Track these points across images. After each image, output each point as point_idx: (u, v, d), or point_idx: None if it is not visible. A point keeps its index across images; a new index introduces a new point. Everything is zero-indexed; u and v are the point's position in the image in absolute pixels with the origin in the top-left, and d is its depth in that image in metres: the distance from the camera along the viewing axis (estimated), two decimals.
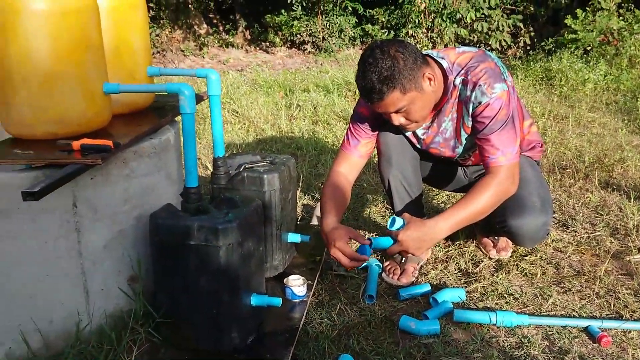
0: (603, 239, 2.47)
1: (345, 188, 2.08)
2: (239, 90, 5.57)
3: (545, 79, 5.72)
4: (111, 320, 1.76)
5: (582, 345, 1.78)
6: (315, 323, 1.92)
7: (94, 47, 1.70)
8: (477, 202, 1.82)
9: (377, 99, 1.78)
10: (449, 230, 1.84)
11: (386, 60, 1.73)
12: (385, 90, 1.74)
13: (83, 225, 1.65)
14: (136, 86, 1.90)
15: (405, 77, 1.74)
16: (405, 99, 1.78)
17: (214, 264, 1.61)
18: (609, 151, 3.58)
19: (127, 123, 1.94)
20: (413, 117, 1.86)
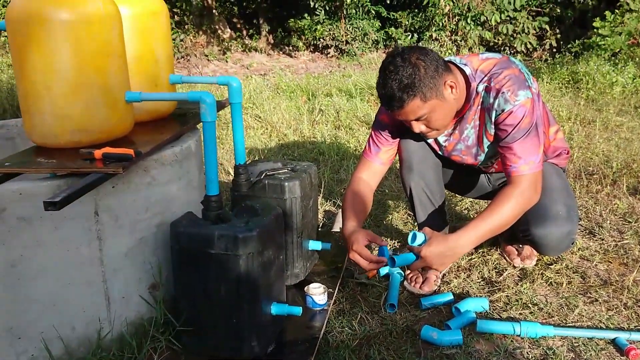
0: (631, 247, 2.41)
1: (367, 194, 2.08)
2: (261, 95, 5.59)
3: (572, 82, 5.62)
4: (132, 328, 1.77)
5: (610, 358, 1.74)
6: (335, 332, 1.90)
7: (116, 55, 1.71)
8: (499, 214, 1.80)
9: (397, 107, 1.76)
10: (473, 244, 1.82)
11: (407, 68, 1.71)
12: (406, 99, 1.73)
13: (104, 233, 1.67)
14: (158, 94, 1.90)
15: (426, 85, 1.73)
16: (425, 107, 1.76)
17: (234, 272, 1.61)
18: (637, 156, 3.50)
19: (149, 131, 1.95)
20: (434, 125, 1.84)
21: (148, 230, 1.77)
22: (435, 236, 1.82)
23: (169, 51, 2.06)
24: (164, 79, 2.03)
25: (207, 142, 1.66)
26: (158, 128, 1.99)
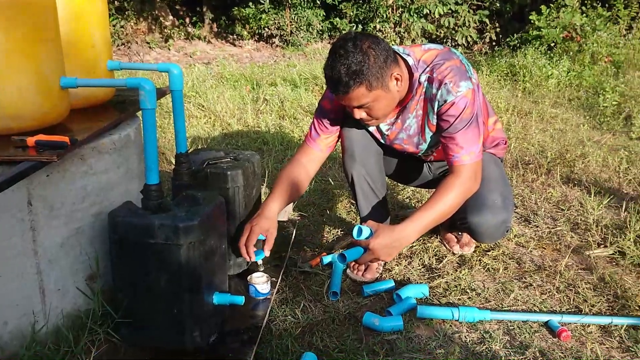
0: (564, 234, 2.51)
1: (301, 178, 2.09)
2: (205, 83, 5.51)
3: (510, 74, 5.79)
4: (68, 321, 1.72)
5: (543, 340, 1.81)
6: (278, 321, 1.91)
7: (50, 40, 1.65)
8: (442, 203, 1.85)
9: (342, 92, 1.77)
10: (418, 234, 1.86)
11: (357, 55, 1.72)
12: (352, 85, 1.73)
13: (38, 223, 1.61)
14: (95, 80, 1.85)
15: (374, 74, 1.74)
16: (370, 96, 1.78)
17: (175, 262, 1.58)
18: (570, 147, 3.64)
19: (86, 118, 1.89)
20: (375, 114, 1.86)
21: (85, 220, 1.73)
22: (381, 228, 1.84)
23: (107, 36, 2.00)
24: (102, 64, 1.97)
25: (146, 129, 1.62)
26: (95, 115, 1.93)
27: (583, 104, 4.88)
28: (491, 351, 1.75)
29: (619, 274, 2.18)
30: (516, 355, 1.73)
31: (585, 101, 4.93)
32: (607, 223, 2.58)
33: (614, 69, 5.58)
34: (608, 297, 2.04)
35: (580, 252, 2.36)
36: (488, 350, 1.75)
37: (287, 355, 1.73)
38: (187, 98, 4.94)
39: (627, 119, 4.32)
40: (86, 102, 1.98)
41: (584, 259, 2.30)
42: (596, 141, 3.82)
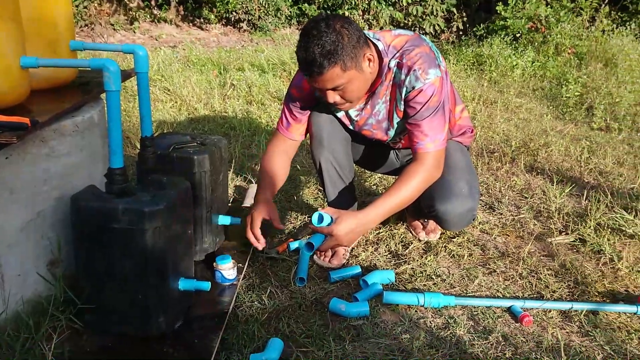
0: (527, 221, 2.56)
1: (283, 164, 2.13)
2: (171, 67, 5.41)
3: (477, 64, 5.84)
4: (29, 307, 1.68)
5: (505, 325, 1.84)
6: (245, 307, 1.90)
7: (10, 18, 1.59)
8: (405, 189, 1.86)
9: (316, 73, 1.75)
10: (380, 219, 1.87)
11: (331, 35, 1.70)
12: (326, 65, 1.72)
13: None
14: (57, 60, 1.79)
15: (348, 54, 1.72)
16: (344, 77, 1.76)
17: (140, 247, 1.56)
18: (534, 136, 3.70)
19: (48, 99, 1.84)
20: (348, 97, 1.85)
21: (46, 204, 1.68)
22: (342, 214, 1.84)
23: (69, 15, 1.94)
24: (64, 44, 1.91)
25: (110, 112, 1.58)
26: (57, 96, 1.88)
27: (547, 94, 4.96)
28: (455, 336, 1.77)
29: (579, 260, 2.23)
30: (480, 340, 1.76)
31: (548, 91, 5.01)
32: (569, 211, 2.64)
33: (577, 61, 5.68)
34: (569, 283, 2.08)
35: (543, 239, 2.40)
36: (452, 335, 1.78)
37: (254, 341, 1.73)
38: (153, 82, 4.85)
39: (589, 109, 4.41)
40: (48, 83, 1.92)
41: (546, 246, 2.35)
42: (559, 131, 3.90)
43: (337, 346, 1.71)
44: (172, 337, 1.67)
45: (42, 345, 1.56)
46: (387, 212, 1.87)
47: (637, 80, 4.80)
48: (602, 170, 3.20)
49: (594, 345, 1.75)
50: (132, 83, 4.57)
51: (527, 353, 1.70)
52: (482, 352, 1.70)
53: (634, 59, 5.28)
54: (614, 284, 2.08)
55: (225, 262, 1.97)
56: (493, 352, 1.71)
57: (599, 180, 3.07)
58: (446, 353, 1.70)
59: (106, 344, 1.63)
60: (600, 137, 3.83)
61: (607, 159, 3.33)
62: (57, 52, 1.88)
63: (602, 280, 2.10)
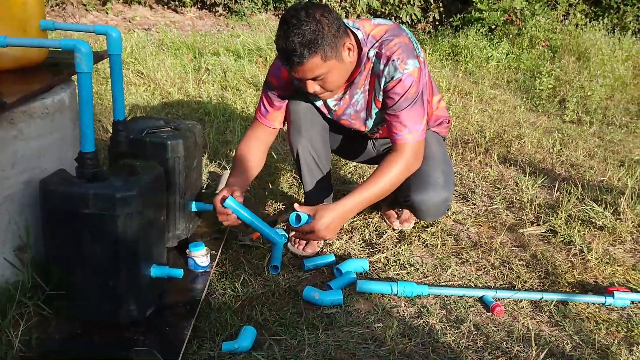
0: (499, 212, 2.58)
1: (259, 152, 2.11)
2: (144, 50, 5.31)
3: (452, 54, 5.86)
4: None
5: (477, 314, 1.86)
6: (218, 294, 1.88)
7: None
8: (383, 180, 1.86)
9: (297, 63, 1.72)
10: (359, 209, 1.88)
11: (311, 24, 1.67)
12: (307, 55, 1.69)
13: None
14: (26, 40, 1.74)
15: (328, 43, 1.70)
16: (324, 67, 1.74)
17: (111, 234, 1.53)
18: (508, 127, 3.74)
19: (17, 80, 1.79)
20: (328, 86, 1.83)
21: (14, 188, 1.64)
22: (319, 210, 1.84)
23: None
24: (34, 23, 1.85)
25: (82, 94, 1.54)
26: (27, 77, 1.83)
27: (520, 86, 5.00)
28: (428, 325, 1.78)
29: (550, 251, 2.26)
30: (452, 329, 1.77)
31: (522, 84, 5.06)
32: (541, 202, 2.67)
33: (551, 54, 5.74)
34: (539, 273, 2.11)
35: (515, 229, 2.43)
36: (425, 324, 1.79)
37: (226, 328, 1.71)
38: (126, 64, 4.76)
39: (562, 102, 4.46)
40: (16, 63, 1.86)
41: (518, 237, 2.37)
42: (532, 123, 3.94)
43: (310, 334, 1.71)
44: (143, 324, 1.65)
45: (8, 332, 1.53)
46: (365, 202, 1.87)
47: (609, 75, 4.87)
48: (574, 162, 3.24)
49: (564, 335, 1.78)
50: (104, 65, 4.47)
51: (498, 342, 1.72)
52: (454, 341, 1.71)
53: (605, 54, 5.35)
54: (583, 275, 2.12)
55: (198, 249, 1.95)
56: (465, 341, 1.72)
57: (570, 172, 3.11)
58: (419, 342, 1.71)
59: (75, 331, 1.60)
60: (572, 129, 3.88)
61: (578, 152, 3.38)
62: (27, 32, 1.82)
63: (572, 271, 2.13)
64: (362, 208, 1.89)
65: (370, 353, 1.65)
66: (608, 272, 2.14)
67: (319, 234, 1.82)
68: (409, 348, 1.68)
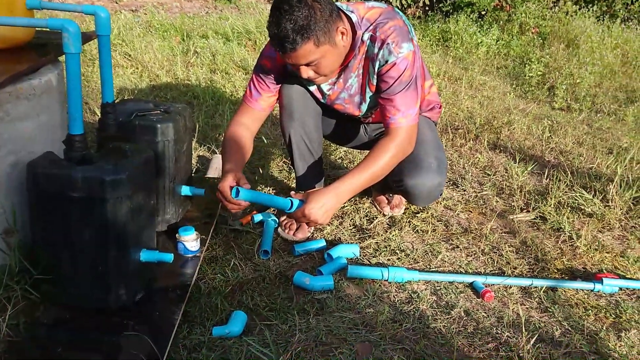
0: (490, 198, 2.58)
1: (247, 138, 2.05)
2: (132, 32, 5.24)
3: (442, 40, 5.84)
4: None
5: (467, 300, 1.86)
6: (208, 279, 1.87)
7: None
8: (377, 164, 1.85)
9: (289, 49, 1.70)
10: (352, 193, 1.86)
11: (303, 9, 1.64)
12: (300, 41, 1.67)
13: None
14: (12, 19, 1.69)
15: (321, 29, 1.68)
16: (318, 52, 1.72)
17: (100, 217, 1.51)
18: (497, 114, 3.74)
19: (3, 60, 1.75)
20: (322, 71, 1.81)
21: (1, 171, 1.61)
22: (311, 194, 1.82)
23: None
24: (20, 2, 1.81)
25: (70, 75, 1.51)
26: (13, 58, 1.79)
27: (510, 72, 5.00)
28: (418, 310, 1.79)
29: (539, 238, 2.27)
30: (442, 314, 1.78)
31: (512, 70, 5.06)
32: (530, 189, 2.68)
33: (540, 40, 5.74)
34: (529, 260, 2.12)
35: (505, 216, 2.44)
36: (416, 310, 1.79)
37: (217, 313, 1.71)
38: (113, 46, 4.69)
39: (551, 89, 4.47)
40: (2, 43, 1.83)
41: (508, 223, 2.38)
42: (521, 110, 3.94)
43: (301, 319, 1.70)
44: (133, 309, 1.63)
45: None
46: (358, 186, 1.86)
47: (598, 62, 4.89)
48: (563, 149, 3.25)
49: (553, 320, 1.79)
50: (90, 47, 4.41)
51: (488, 328, 1.73)
52: (444, 327, 1.72)
53: (595, 41, 5.37)
54: (572, 261, 2.13)
55: (188, 234, 1.93)
56: (455, 326, 1.72)
57: (559, 159, 3.12)
58: (409, 327, 1.71)
59: (64, 316, 1.58)
60: (561, 116, 3.89)
61: (567, 139, 3.39)
62: (13, 11, 1.78)
63: (561, 257, 2.14)
64: (356, 192, 1.88)
65: (361, 338, 1.64)
66: (597, 258, 2.15)
67: (311, 218, 1.80)
68: (399, 333, 1.68)
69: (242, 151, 2.01)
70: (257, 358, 1.53)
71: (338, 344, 1.61)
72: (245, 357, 1.53)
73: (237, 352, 1.55)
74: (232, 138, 2.02)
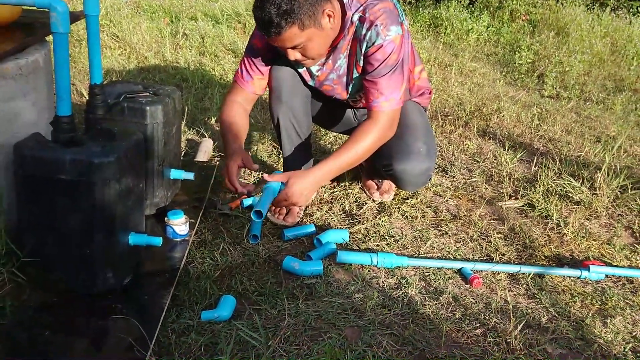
0: (479, 185, 2.59)
1: (243, 117, 2.07)
2: (119, 12, 5.16)
3: (433, 26, 5.82)
4: None
5: (456, 286, 1.87)
6: (197, 263, 1.86)
7: None
8: (357, 147, 1.86)
9: (274, 34, 1.70)
10: (332, 176, 1.90)
11: None
12: (284, 25, 1.66)
13: None
14: None
15: (305, 12, 1.67)
16: (303, 36, 1.71)
17: (88, 200, 1.49)
18: (487, 101, 3.74)
19: None
20: (310, 54, 1.80)
21: None
22: (292, 176, 1.85)
23: None
24: None
25: (58, 56, 1.48)
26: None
27: (500, 60, 5.00)
28: (407, 296, 1.79)
29: (527, 225, 2.28)
30: (431, 300, 1.78)
31: (502, 57, 5.05)
32: (519, 176, 2.69)
33: (531, 28, 5.73)
34: (517, 246, 2.13)
35: (493, 203, 2.44)
36: (404, 295, 1.79)
37: (205, 297, 1.70)
38: (100, 27, 4.60)
39: (540, 77, 4.47)
40: None
41: (497, 210, 2.39)
42: (511, 97, 3.94)
43: (290, 304, 1.70)
44: (121, 293, 1.62)
45: None
46: (338, 169, 1.88)
47: (587, 51, 4.89)
48: (552, 137, 3.27)
49: (540, 307, 1.80)
50: (77, 27, 4.34)
51: (476, 314, 1.74)
52: (433, 313, 1.72)
53: (584, 29, 5.37)
54: (559, 248, 2.14)
55: (177, 217, 1.92)
56: (444, 312, 1.73)
57: (548, 147, 3.13)
58: (398, 312, 1.71)
59: (51, 300, 1.57)
60: (550, 104, 3.90)
61: (556, 127, 3.40)
62: None
63: (548, 244, 2.16)
64: (336, 175, 1.91)
65: (350, 323, 1.65)
66: (584, 246, 2.17)
67: (291, 200, 1.83)
68: (388, 319, 1.68)
69: (242, 129, 2.03)
70: (246, 342, 1.53)
71: (327, 329, 1.62)
72: (234, 341, 1.53)
73: (226, 336, 1.55)
74: (230, 117, 2.02)
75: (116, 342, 1.45)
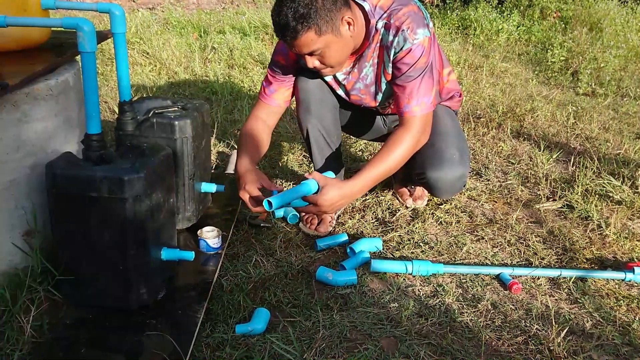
0: (514, 188, 2.53)
1: (263, 133, 2.03)
2: (149, 30, 5.25)
3: (461, 28, 5.75)
4: (4, 279, 1.61)
5: (494, 293, 1.82)
6: (230, 276, 1.86)
7: None
8: (392, 157, 1.81)
9: (290, 37, 1.68)
10: (367, 188, 1.84)
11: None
12: (300, 30, 1.64)
13: None
14: (27, 19, 1.68)
15: (322, 17, 1.65)
16: (320, 42, 1.69)
17: (119, 217, 1.49)
18: (520, 101, 3.66)
19: (19, 61, 1.74)
20: (328, 62, 1.77)
21: (20, 172, 1.61)
22: (329, 184, 1.77)
23: None
24: (35, 2, 1.80)
25: (86, 74, 1.50)
26: (29, 58, 1.78)
27: (532, 59, 4.91)
28: (444, 304, 1.75)
29: (567, 227, 2.21)
30: (469, 307, 1.74)
31: (534, 56, 4.96)
32: (556, 177, 2.62)
33: (563, 25, 5.62)
34: (557, 250, 2.07)
35: (530, 205, 2.38)
36: (441, 304, 1.75)
37: (239, 311, 1.69)
38: (131, 45, 4.70)
39: (574, 74, 4.37)
40: (18, 44, 1.82)
41: (534, 213, 2.32)
42: (545, 96, 3.86)
43: (324, 316, 1.68)
44: (154, 308, 1.62)
45: (19, 317, 1.51)
46: (373, 181, 1.83)
47: (622, 45, 4.76)
48: (589, 135, 3.18)
49: (583, 312, 1.74)
50: (109, 46, 4.43)
51: (516, 321, 1.68)
52: (471, 320, 1.68)
53: (618, 24, 5.24)
54: (601, 250, 2.07)
55: (209, 231, 1.92)
56: (483, 320, 1.69)
57: (585, 146, 3.04)
58: (435, 321, 1.67)
59: (86, 316, 1.58)
60: (586, 102, 3.80)
61: (593, 125, 3.31)
62: (27, 11, 1.77)
63: (590, 246, 2.09)
64: (371, 187, 1.85)
65: (387, 334, 1.61)
66: (627, 247, 2.09)
67: (321, 209, 1.77)
68: (425, 328, 1.65)
69: (259, 146, 2.00)
70: (280, 356, 1.51)
71: (363, 340, 1.59)
72: (268, 355, 1.51)
73: (260, 350, 1.53)
74: (248, 133, 2.00)
75: (151, 357, 1.45)
